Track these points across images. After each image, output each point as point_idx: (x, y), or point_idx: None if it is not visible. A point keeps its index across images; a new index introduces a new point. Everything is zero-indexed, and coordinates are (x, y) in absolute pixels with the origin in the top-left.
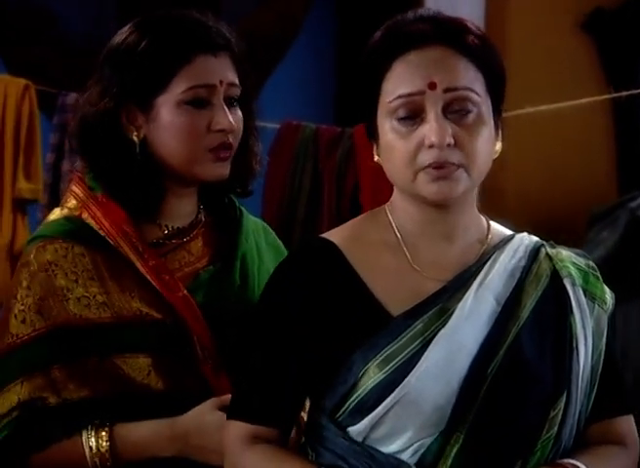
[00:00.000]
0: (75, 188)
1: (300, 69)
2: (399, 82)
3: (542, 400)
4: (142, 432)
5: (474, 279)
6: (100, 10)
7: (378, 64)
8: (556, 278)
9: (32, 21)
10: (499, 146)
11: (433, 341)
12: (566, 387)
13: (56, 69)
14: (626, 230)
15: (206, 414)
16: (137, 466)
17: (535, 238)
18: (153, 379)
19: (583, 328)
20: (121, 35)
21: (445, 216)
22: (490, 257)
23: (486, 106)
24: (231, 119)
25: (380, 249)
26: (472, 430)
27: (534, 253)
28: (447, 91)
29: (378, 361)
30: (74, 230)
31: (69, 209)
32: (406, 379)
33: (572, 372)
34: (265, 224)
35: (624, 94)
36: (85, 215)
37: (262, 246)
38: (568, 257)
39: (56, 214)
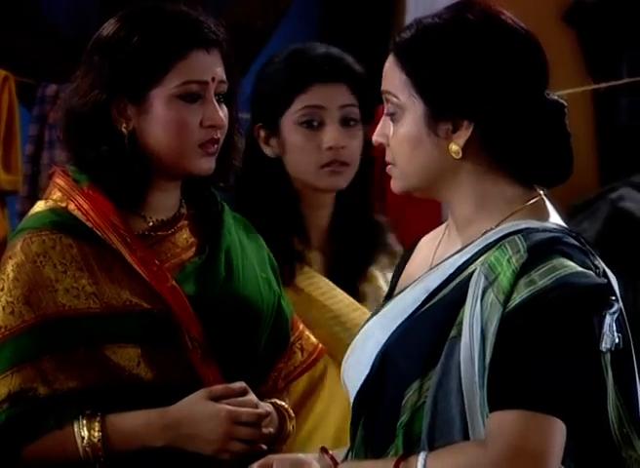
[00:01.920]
0: (59, 180)
1: None
2: None
3: (400, 387)
4: (134, 422)
5: (427, 274)
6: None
7: None
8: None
9: (11, 6)
10: (453, 148)
11: (362, 329)
12: (421, 374)
13: (37, 58)
14: (607, 222)
15: (197, 404)
16: (129, 456)
17: (513, 230)
18: (143, 369)
19: (470, 315)
20: (111, 27)
21: (450, 209)
22: (455, 254)
23: (411, 108)
24: (222, 115)
25: (429, 243)
26: (366, 418)
27: (485, 247)
28: (381, 94)
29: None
30: (61, 221)
31: (54, 200)
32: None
33: (439, 361)
34: (245, 219)
35: (605, 85)
36: (71, 207)
37: (244, 239)
38: (510, 243)
39: (40, 206)
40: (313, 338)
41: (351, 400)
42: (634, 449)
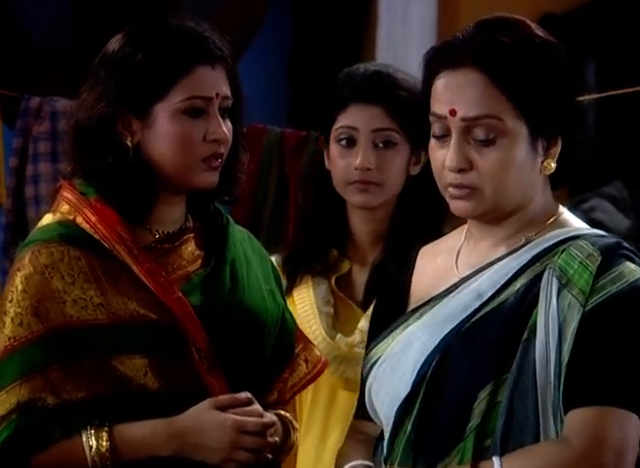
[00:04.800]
0: (66, 194)
1: (253, 71)
2: (434, 101)
3: (469, 389)
4: (141, 431)
5: (472, 281)
6: (57, 11)
7: (424, 79)
8: (544, 271)
9: None
10: (547, 163)
11: (399, 336)
12: (494, 376)
13: (17, 70)
14: None
15: (203, 414)
16: (136, 465)
17: (569, 236)
18: (150, 380)
19: (546, 316)
20: (117, 42)
21: (488, 225)
22: (498, 261)
23: (518, 130)
24: (225, 130)
25: (443, 253)
26: (416, 421)
27: (540, 253)
28: (464, 119)
29: (372, 346)
30: (69, 234)
31: (62, 213)
32: (372, 369)
33: (514, 362)
34: (249, 233)
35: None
36: (79, 220)
37: (249, 252)
38: (576, 247)
39: (48, 219)
40: (317, 351)
41: (386, 407)
42: None
